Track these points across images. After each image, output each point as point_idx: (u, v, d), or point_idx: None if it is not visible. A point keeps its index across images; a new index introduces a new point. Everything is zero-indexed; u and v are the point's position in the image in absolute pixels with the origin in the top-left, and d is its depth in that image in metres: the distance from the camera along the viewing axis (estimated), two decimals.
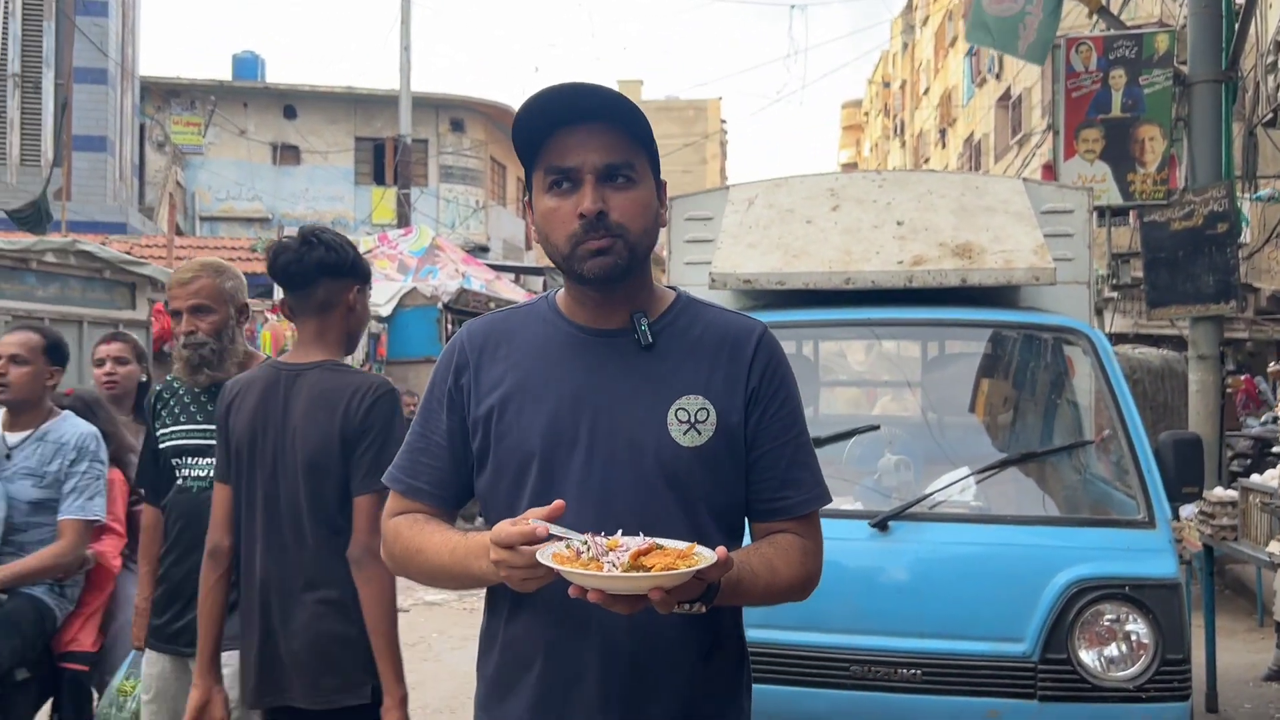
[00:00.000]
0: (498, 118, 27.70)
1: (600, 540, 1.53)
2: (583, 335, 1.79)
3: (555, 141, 1.71)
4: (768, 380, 1.78)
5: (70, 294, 9.05)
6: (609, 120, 1.71)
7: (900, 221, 4.25)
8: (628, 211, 1.71)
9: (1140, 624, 3.21)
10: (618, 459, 1.71)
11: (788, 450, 1.78)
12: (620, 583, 1.46)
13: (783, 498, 1.78)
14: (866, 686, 3.26)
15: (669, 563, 1.48)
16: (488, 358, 1.82)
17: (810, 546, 1.79)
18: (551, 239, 1.74)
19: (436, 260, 15.63)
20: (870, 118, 64.02)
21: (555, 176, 1.72)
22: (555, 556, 1.51)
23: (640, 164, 1.75)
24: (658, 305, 1.83)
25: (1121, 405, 3.59)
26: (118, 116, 20.51)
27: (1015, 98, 28.70)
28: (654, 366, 1.76)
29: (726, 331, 1.81)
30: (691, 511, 1.72)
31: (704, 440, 1.72)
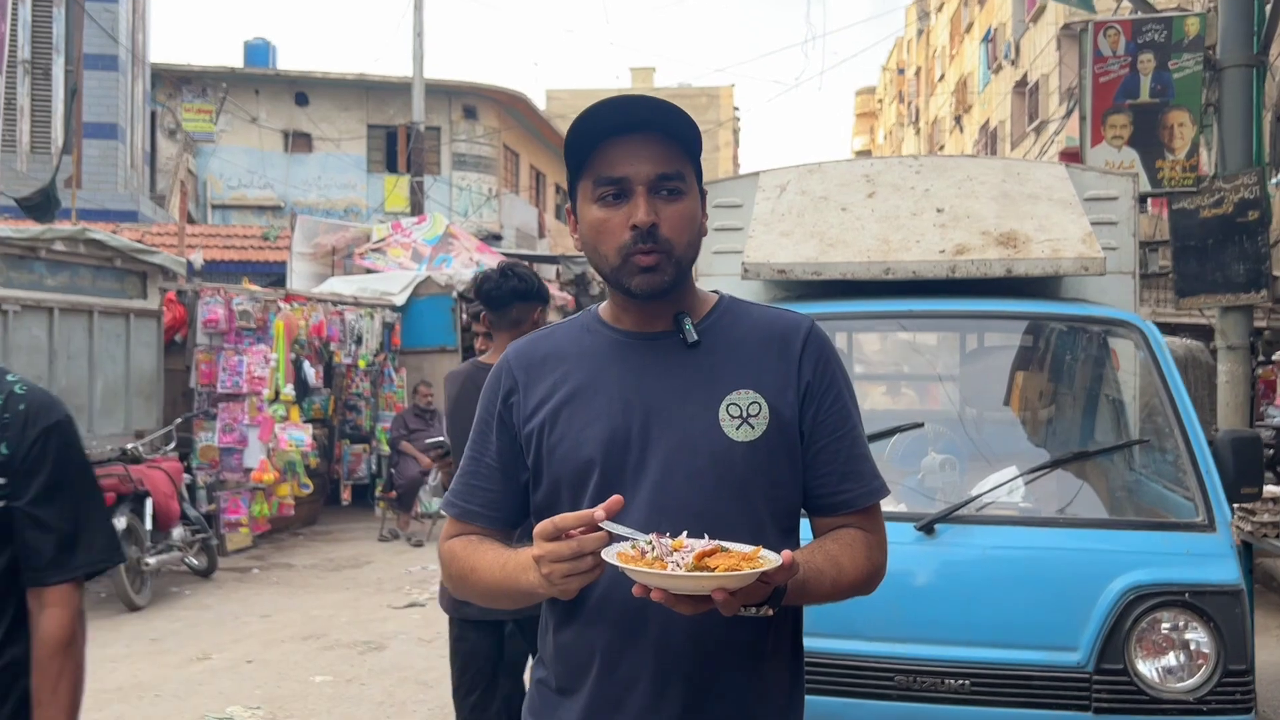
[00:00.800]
0: (511, 105, 27.54)
1: (665, 541, 1.53)
2: (628, 340, 1.80)
3: (605, 151, 1.71)
4: (820, 374, 1.78)
5: (80, 283, 8.93)
6: (660, 130, 1.72)
7: (940, 209, 4.08)
8: (676, 225, 1.72)
9: (1201, 633, 3.06)
10: (672, 457, 1.70)
11: (845, 443, 1.77)
12: (685, 582, 1.45)
13: (844, 490, 1.77)
14: (912, 697, 3.12)
15: (734, 564, 1.47)
16: (535, 375, 1.83)
17: (874, 540, 1.79)
18: (601, 250, 1.74)
19: (451, 248, 15.49)
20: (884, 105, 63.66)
21: (606, 189, 1.71)
22: (620, 555, 1.51)
23: (688, 174, 1.75)
24: (701, 307, 1.84)
25: (1177, 402, 3.42)
26: (128, 103, 20.39)
27: (1032, 84, 28.44)
28: (702, 364, 1.76)
29: (773, 327, 1.81)
30: (748, 508, 1.71)
31: (757, 435, 1.72)
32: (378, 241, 15.70)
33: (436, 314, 13.26)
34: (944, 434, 3.71)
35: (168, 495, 8.52)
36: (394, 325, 13.07)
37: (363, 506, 12.61)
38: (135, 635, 7.36)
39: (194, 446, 10.11)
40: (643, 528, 1.59)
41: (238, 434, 10.18)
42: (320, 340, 11.53)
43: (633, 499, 1.66)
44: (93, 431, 8.95)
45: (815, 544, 1.74)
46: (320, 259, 15.69)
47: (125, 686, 6.20)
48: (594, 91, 44.17)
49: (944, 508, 3.29)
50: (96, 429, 9.04)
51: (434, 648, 6.96)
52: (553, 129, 30.51)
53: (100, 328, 9.14)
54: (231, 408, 10.19)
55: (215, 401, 10.22)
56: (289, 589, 9.04)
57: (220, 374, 10.18)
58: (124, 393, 9.47)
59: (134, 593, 8.07)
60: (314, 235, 15.77)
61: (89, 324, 9.03)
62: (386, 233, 15.92)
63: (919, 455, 3.61)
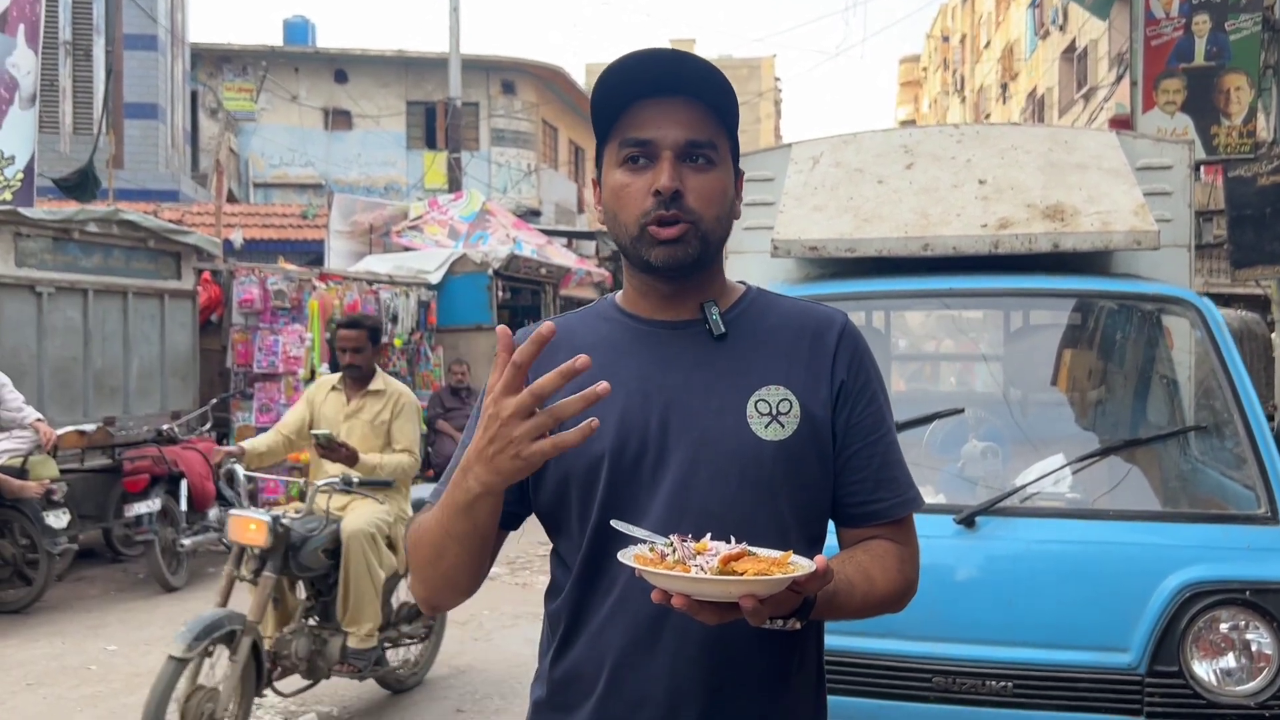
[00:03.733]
0: (549, 79, 27.34)
1: (687, 543, 1.41)
2: (648, 328, 1.66)
3: (634, 113, 1.59)
4: (855, 374, 1.64)
5: (114, 264, 8.90)
6: (695, 95, 1.58)
7: (982, 180, 3.87)
8: (704, 195, 1.58)
9: (1263, 633, 2.86)
10: (693, 455, 1.57)
11: (880, 449, 1.64)
12: (711, 586, 1.32)
13: (877, 500, 1.64)
14: (951, 699, 2.95)
15: (763, 569, 1.34)
16: (545, 362, 1.63)
17: (907, 553, 1.66)
18: (620, 217, 1.60)
19: (487, 225, 15.37)
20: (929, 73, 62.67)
21: (631, 150, 1.58)
22: (638, 558, 1.38)
23: (722, 146, 1.62)
24: (728, 297, 1.69)
25: (1238, 385, 3.20)
26: (169, 83, 20.44)
27: (1080, 50, 27.78)
28: (729, 357, 1.62)
29: (805, 321, 1.67)
30: (774, 512, 1.58)
31: (788, 434, 1.58)
32: (415, 219, 15.62)
33: (472, 292, 13.16)
34: (986, 420, 3.51)
35: (203, 476, 8.50)
36: (429, 304, 12.98)
37: None
38: (170, 617, 7.34)
39: (231, 427, 10.10)
40: (661, 530, 1.49)
41: (275, 413, 10.15)
42: None
43: (650, 500, 1.55)
44: (128, 412, 8.95)
45: (844, 555, 1.62)
46: (358, 237, 15.64)
47: (158, 669, 6.16)
48: None
49: (986, 499, 3.10)
50: (132, 410, 9.04)
51: (466, 630, 6.87)
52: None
53: (135, 309, 9.12)
54: (268, 387, 10.16)
55: (251, 381, 10.20)
56: None
57: (256, 354, 10.15)
58: (159, 374, 9.46)
59: (170, 574, 8.07)
60: (351, 213, 15.71)
61: (124, 305, 9.01)
62: (423, 210, 15.83)
63: (959, 442, 3.42)
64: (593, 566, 1.59)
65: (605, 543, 1.54)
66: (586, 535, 1.58)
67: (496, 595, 7.73)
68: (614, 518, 1.54)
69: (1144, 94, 9.50)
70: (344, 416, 5.31)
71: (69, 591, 8.10)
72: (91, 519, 8.31)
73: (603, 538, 1.55)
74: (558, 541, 1.67)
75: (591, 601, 1.59)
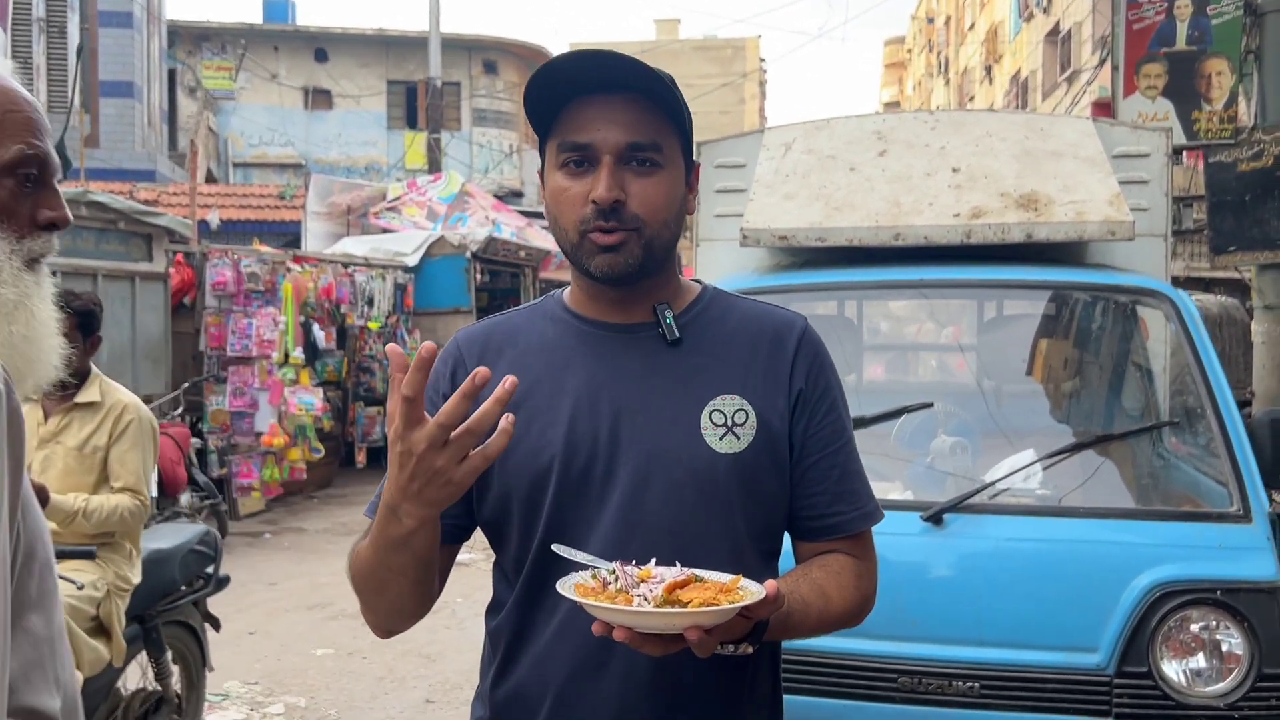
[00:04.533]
0: (531, 59, 27.15)
1: (631, 570, 1.34)
2: (598, 331, 1.57)
3: (573, 111, 1.49)
4: (814, 381, 1.57)
5: (83, 246, 8.75)
6: (636, 90, 1.48)
7: (956, 169, 3.80)
8: (648, 201, 1.48)
9: (1233, 633, 2.82)
10: (644, 469, 1.49)
11: (839, 460, 1.58)
12: (653, 619, 1.26)
13: (835, 513, 1.57)
14: (917, 700, 2.90)
15: (709, 598, 1.28)
16: (489, 363, 1.54)
17: (865, 568, 1.60)
18: (560, 222, 1.52)
19: (466, 207, 15.24)
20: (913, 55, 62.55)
21: (570, 154, 1.49)
22: (578, 588, 1.33)
23: (669, 144, 1.51)
24: (683, 299, 1.61)
25: (1211, 379, 3.14)
26: (145, 61, 20.19)
27: (1065, 32, 27.73)
28: (682, 363, 1.55)
29: (763, 325, 1.60)
30: (728, 528, 1.51)
31: (743, 446, 1.51)
32: (393, 200, 15.48)
33: (450, 275, 13.04)
34: (955, 414, 3.46)
35: (174, 461, 8.38)
36: (406, 286, 12.86)
37: (378, 469, 12.48)
38: None
39: (205, 411, 9.99)
40: (610, 547, 1.43)
41: (248, 398, 10.05)
42: (330, 302, 11.35)
43: (599, 514, 1.48)
44: None
45: (799, 572, 1.55)
46: (335, 218, 15.50)
47: None
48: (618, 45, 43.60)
49: (954, 495, 3.05)
50: None
51: (439, 619, 6.81)
52: None
53: (105, 291, 8.96)
54: (241, 371, 10.05)
55: (225, 365, 10.08)
56: (299, 554, 8.94)
57: (229, 337, 10.03)
58: (131, 357, 9.33)
59: None
60: (329, 194, 15.56)
61: (93, 288, 8.85)
62: (402, 191, 15.69)
63: (928, 437, 3.36)
64: (536, 585, 1.52)
65: (550, 561, 1.47)
66: (531, 552, 1.51)
67: (469, 582, 7.65)
68: (560, 532, 1.48)
69: (1125, 78, 9.43)
70: (40, 440, 3.71)
71: None
72: None
73: (548, 555, 1.48)
74: (500, 555, 1.59)
75: (535, 620, 1.52)
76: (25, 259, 1.37)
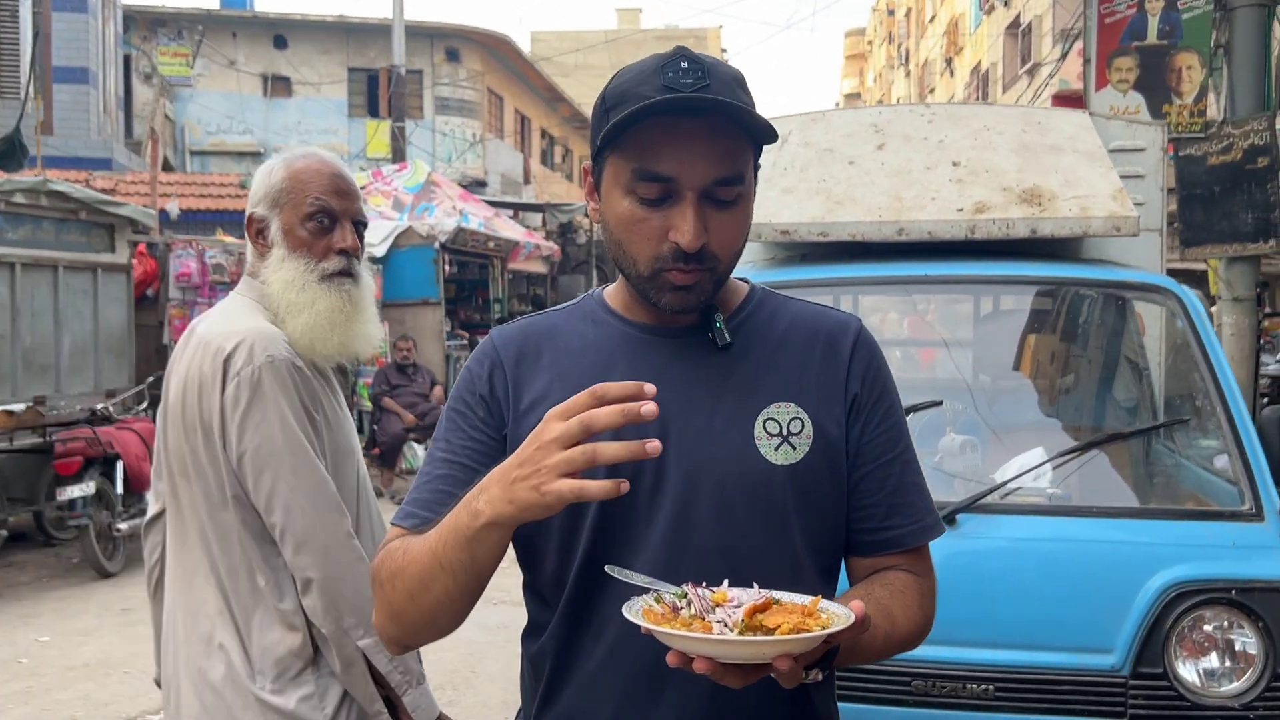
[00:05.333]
0: (495, 47, 26.94)
1: (704, 593, 1.23)
2: (644, 336, 1.47)
3: (652, 132, 1.33)
4: (870, 385, 1.48)
5: (43, 236, 8.54)
6: (725, 115, 1.33)
7: (956, 162, 3.75)
8: (728, 240, 1.39)
9: (1247, 632, 2.80)
10: (696, 481, 1.39)
11: (895, 470, 1.48)
12: (742, 649, 1.14)
13: (890, 527, 1.47)
14: (931, 703, 2.85)
15: (796, 622, 1.18)
16: (527, 367, 1.48)
17: (926, 586, 1.51)
18: (628, 250, 1.40)
19: (433, 197, 15.06)
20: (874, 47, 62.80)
21: (646, 185, 1.35)
22: (647, 614, 1.20)
23: (750, 170, 1.40)
24: (731, 299, 1.51)
25: (1220, 377, 3.12)
26: (100, 47, 19.78)
27: (1025, 25, 27.93)
28: (734, 370, 1.44)
29: (817, 327, 1.50)
30: (784, 544, 1.41)
31: (800, 457, 1.41)
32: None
33: (418, 266, 12.88)
34: (964, 412, 3.41)
35: (140, 457, 8.22)
36: (374, 278, 12.68)
37: None
38: (106, 605, 7.10)
39: None
40: (660, 565, 1.33)
41: None
42: None
43: (646, 533, 1.37)
44: (60, 391, 8.62)
45: (862, 591, 1.43)
46: None
47: (93, 663, 5.94)
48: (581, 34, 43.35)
49: (966, 495, 3.00)
50: (64, 388, 8.71)
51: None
52: (537, 72, 29.91)
53: (66, 283, 8.78)
54: None
55: None
56: None
57: None
58: (93, 350, 9.13)
59: (105, 559, 7.81)
60: None
61: (54, 279, 8.66)
62: (367, 180, 15.45)
63: (937, 435, 3.32)
64: (581, 607, 1.41)
65: (595, 581, 1.37)
66: (573, 572, 1.40)
67: None
68: (604, 551, 1.37)
69: (1097, 71, 9.47)
70: None
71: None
72: (21, 502, 7.99)
73: (591, 575, 1.38)
74: (534, 574, 1.47)
75: (581, 645, 1.41)
76: (320, 276, 2.15)
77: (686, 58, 1.34)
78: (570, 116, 35.41)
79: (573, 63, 37.20)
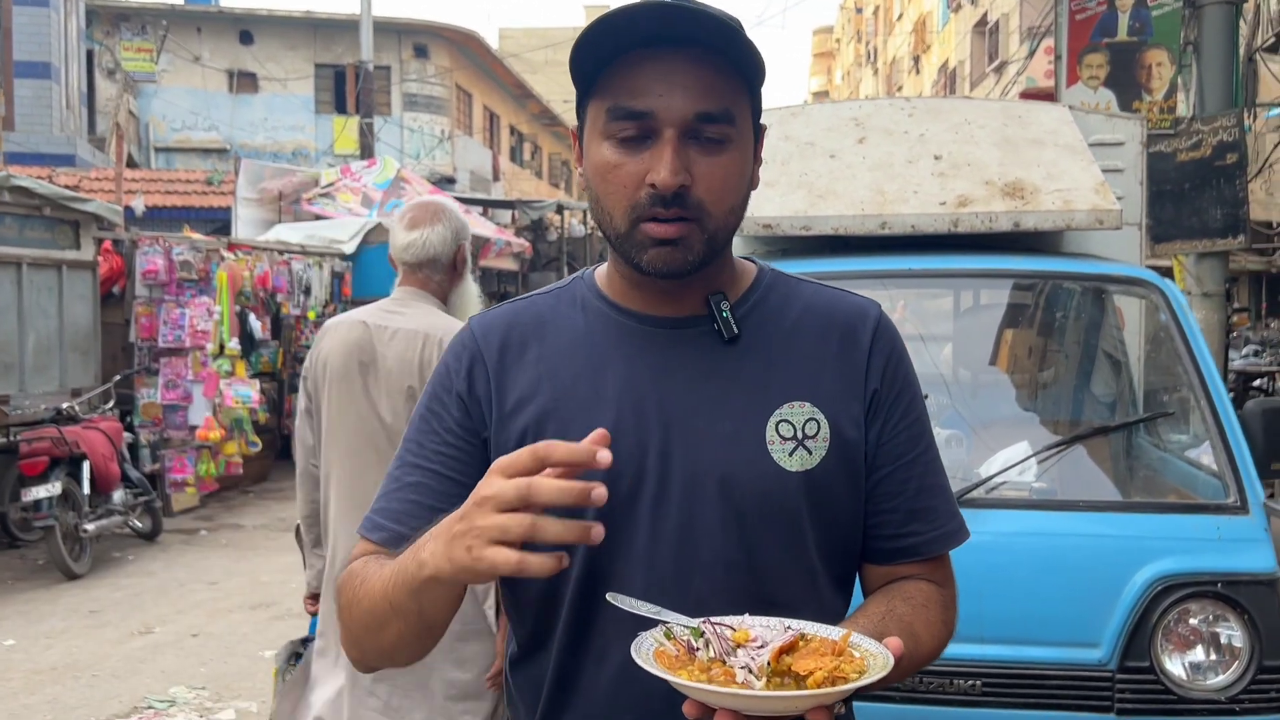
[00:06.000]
0: (463, 44, 26.81)
1: (724, 631, 1.11)
2: (642, 327, 1.33)
3: (628, 67, 1.22)
4: (890, 379, 1.35)
5: (6, 233, 8.38)
6: (711, 47, 1.22)
7: (938, 156, 3.74)
8: (716, 186, 1.23)
9: (1233, 625, 2.80)
10: (702, 491, 1.27)
11: (915, 471, 1.35)
12: (776, 704, 1.03)
13: (910, 534, 1.35)
14: (917, 699, 2.84)
15: (830, 668, 1.05)
16: (512, 361, 1.34)
17: (948, 598, 1.38)
18: (605, 204, 1.26)
19: (402, 193, 14.94)
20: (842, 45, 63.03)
21: (623, 124, 1.22)
22: (660, 657, 1.08)
23: (741, 112, 1.25)
24: (739, 284, 1.37)
25: (1204, 370, 3.12)
26: (62, 41, 19.51)
27: (992, 24, 28.10)
28: (743, 365, 1.31)
29: (833, 315, 1.36)
30: (800, 558, 1.30)
31: (816, 462, 1.29)
32: (326, 186, 15.12)
33: (388, 263, 12.76)
34: (948, 407, 3.40)
35: (106, 457, 8.10)
36: (344, 275, 12.58)
37: None
38: (73, 607, 6.97)
39: (136, 404, 9.66)
40: (666, 581, 1.23)
41: (181, 390, 9.73)
42: (266, 291, 11.03)
43: (650, 546, 1.26)
44: (24, 390, 8.47)
45: (882, 607, 1.31)
46: (267, 205, 15.10)
47: (60, 666, 5.83)
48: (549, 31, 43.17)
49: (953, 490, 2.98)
50: (28, 388, 8.55)
51: None
52: (506, 68, 29.78)
53: (30, 280, 8.62)
54: (174, 363, 9.72)
55: (157, 356, 9.75)
56: (238, 551, 8.67)
57: (161, 328, 9.70)
58: (58, 349, 8.97)
59: (72, 560, 7.67)
60: (260, 180, 15.15)
61: (17, 276, 8.50)
62: (335, 177, 15.33)
63: None
64: (580, 629, 1.29)
65: (594, 601, 1.25)
66: (569, 591, 1.27)
67: None
68: (604, 565, 1.25)
69: (1068, 68, 9.52)
70: None
71: None
72: None
73: (590, 594, 1.26)
74: (516, 591, 1.34)
75: (584, 671, 1.29)
76: None
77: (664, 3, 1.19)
78: (539, 113, 35.29)
79: (541, 59, 37.08)
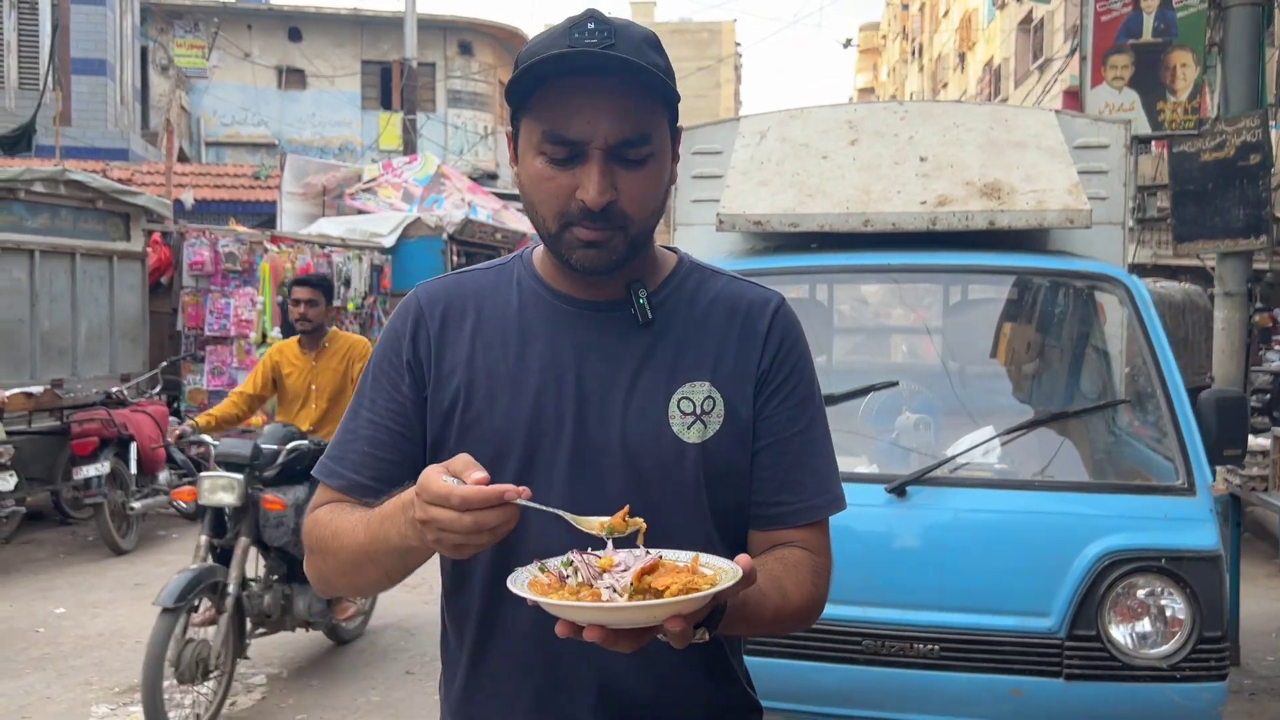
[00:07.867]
0: (507, 40, 27.12)
1: (589, 559, 1.23)
2: (568, 308, 1.49)
3: (557, 92, 1.36)
4: (780, 363, 1.49)
5: (61, 225, 8.77)
6: (627, 74, 1.35)
7: (924, 158, 3.95)
8: (638, 197, 1.39)
9: (1176, 599, 3.00)
10: (611, 458, 1.43)
11: (792, 448, 1.48)
12: (635, 614, 1.14)
13: (779, 503, 1.47)
14: (880, 662, 3.06)
15: (685, 581, 1.18)
16: (452, 328, 1.50)
17: (821, 564, 1.48)
18: (538, 209, 1.42)
19: (442, 189, 15.29)
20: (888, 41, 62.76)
21: (556, 146, 1.37)
22: (534, 585, 1.21)
23: (659, 130, 1.41)
24: (658, 273, 1.53)
25: (1161, 361, 3.32)
26: (117, 38, 20.06)
27: (1037, 21, 27.96)
28: (654, 346, 1.47)
29: (738, 303, 1.52)
30: (697, 521, 1.44)
31: (709, 434, 1.44)
32: (368, 181, 15.50)
33: (426, 256, 13.11)
34: (920, 392, 3.61)
35: (152, 439, 8.46)
36: (383, 267, 12.93)
37: None
38: (119, 580, 7.34)
39: (182, 390, 10.05)
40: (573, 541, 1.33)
41: (226, 377, 10.12)
42: None
43: (565, 506, 1.35)
44: (76, 375, 8.87)
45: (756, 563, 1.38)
46: (311, 199, 15.51)
47: (106, 633, 6.18)
48: None
49: (917, 469, 3.20)
50: (80, 372, 8.96)
51: (417, 594, 6.93)
52: None
53: (83, 270, 9.01)
54: (219, 350, 10.11)
55: (202, 344, 10.14)
56: None
57: (207, 317, 10.09)
58: (108, 336, 9.37)
59: (119, 537, 8.05)
60: (304, 175, 15.57)
61: (71, 266, 8.90)
62: (377, 172, 15.70)
63: (893, 414, 3.52)
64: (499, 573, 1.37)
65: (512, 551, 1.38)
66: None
67: None
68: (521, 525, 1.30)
69: (1093, 69, 9.61)
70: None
71: (17, 554, 8.06)
72: (39, 481, 8.27)
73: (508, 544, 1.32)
74: None
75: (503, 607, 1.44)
76: None
77: (595, 18, 1.35)
78: None
79: None
